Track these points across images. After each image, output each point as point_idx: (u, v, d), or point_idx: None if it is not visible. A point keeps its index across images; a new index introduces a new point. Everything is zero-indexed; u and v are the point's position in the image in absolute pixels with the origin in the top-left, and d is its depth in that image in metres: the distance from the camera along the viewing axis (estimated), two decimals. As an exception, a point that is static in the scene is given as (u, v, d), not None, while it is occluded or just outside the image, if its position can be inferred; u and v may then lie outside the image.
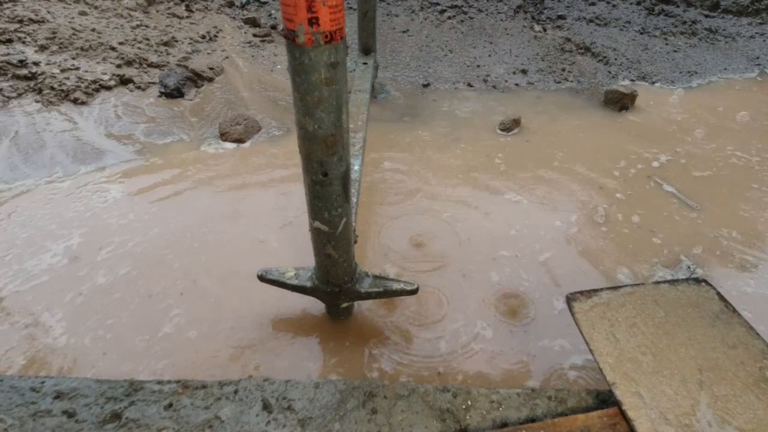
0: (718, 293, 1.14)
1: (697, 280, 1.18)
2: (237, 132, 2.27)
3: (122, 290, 1.46)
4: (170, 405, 0.92)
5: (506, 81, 2.96)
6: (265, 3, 3.72)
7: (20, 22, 2.59)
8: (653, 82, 3.03)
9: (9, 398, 0.89)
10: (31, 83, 2.33)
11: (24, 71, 2.33)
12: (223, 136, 2.27)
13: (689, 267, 1.57)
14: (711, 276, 1.57)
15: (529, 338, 1.33)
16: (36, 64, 2.38)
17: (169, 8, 3.35)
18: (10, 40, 2.45)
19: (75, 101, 2.32)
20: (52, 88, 2.32)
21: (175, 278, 1.50)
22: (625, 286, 1.14)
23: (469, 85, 2.91)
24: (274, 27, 3.39)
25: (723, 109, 2.72)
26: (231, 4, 3.62)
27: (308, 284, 1.27)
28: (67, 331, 1.33)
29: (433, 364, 1.26)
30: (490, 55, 3.23)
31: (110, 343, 1.29)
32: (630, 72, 3.12)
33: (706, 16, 3.86)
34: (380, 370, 1.24)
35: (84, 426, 0.86)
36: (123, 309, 1.40)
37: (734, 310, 1.10)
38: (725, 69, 3.22)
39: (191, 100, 2.53)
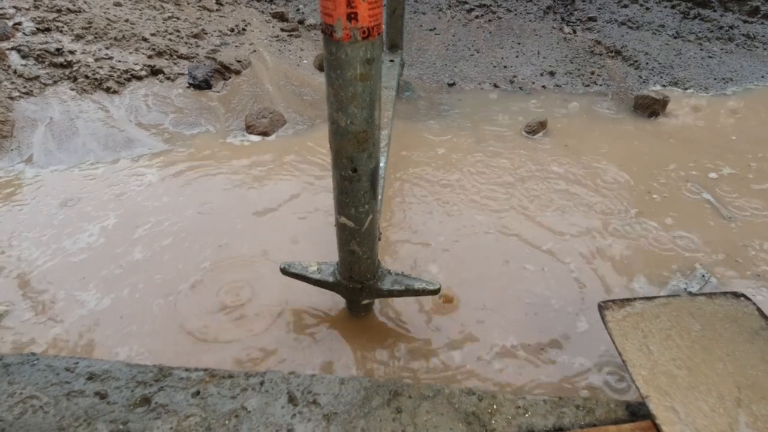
0: (758, 308, 1.09)
1: (736, 294, 1.13)
2: (262, 125, 2.28)
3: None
4: (198, 393, 0.93)
5: (533, 82, 2.91)
6: (293, -2, 3.74)
7: (58, 11, 2.65)
8: (686, 89, 2.93)
9: (45, 377, 0.92)
10: (67, 71, 2.38)
11: (60, 59, 2.39)
12: (249, 129, 2.29)
13: (704, 275, 1.52)
14: (725, 283, 1.53)
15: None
16: (72, 52, 2.44)
17: (200, 1, 3.39)
18: (48, 29, 2.52)
19: (107, 90, 2.37)
20: (86, 77, 2.37)
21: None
22: (660, 296, 1.11)
23: (495, 85, 2.87)
24: (301, 22, 3.41)
25: (761, 117, 2.62)
26: (259, -1, 3.64)
27: (330, 279, 1.27)
28: (101, 300, 1.38)
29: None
30: (517, 56, 3.18)
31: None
32: (662, 77, 3.03)
33: (745, 22, 3.72)
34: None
35: (115, 408, 0.88)
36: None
37: (775, 327, 1.06)
38: (763, 77, 3.10)
39: (218, 92, 2.56)
